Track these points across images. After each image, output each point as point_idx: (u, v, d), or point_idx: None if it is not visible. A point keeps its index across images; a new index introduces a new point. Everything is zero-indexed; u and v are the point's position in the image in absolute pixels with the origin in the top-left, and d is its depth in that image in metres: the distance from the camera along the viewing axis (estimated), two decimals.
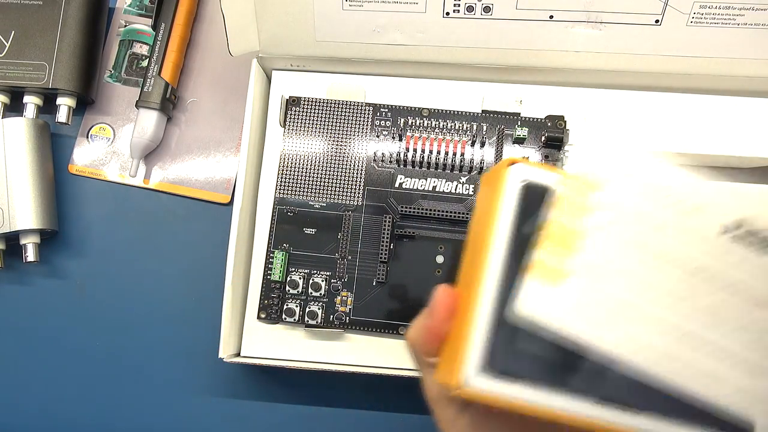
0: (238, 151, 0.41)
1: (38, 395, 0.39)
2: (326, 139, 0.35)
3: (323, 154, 0.35)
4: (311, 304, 0.34)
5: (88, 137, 0.42)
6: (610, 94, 0.37)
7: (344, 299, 0.34)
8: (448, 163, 0.35)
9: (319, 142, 0.35)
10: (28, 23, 0.40)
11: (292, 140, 0.35)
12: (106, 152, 0.42)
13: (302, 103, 0.36)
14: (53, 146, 0.41)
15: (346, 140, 0.35)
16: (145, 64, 0.43)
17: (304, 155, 0.35)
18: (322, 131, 0.36)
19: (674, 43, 0.34)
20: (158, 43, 0.41)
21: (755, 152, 0.35)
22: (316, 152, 0.35)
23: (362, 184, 0.35)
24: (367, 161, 0.35)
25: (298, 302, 0.34)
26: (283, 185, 0.35)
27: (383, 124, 0.36)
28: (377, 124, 0.36)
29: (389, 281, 0.34)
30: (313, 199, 0.35)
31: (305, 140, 0.35)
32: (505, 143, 0.35)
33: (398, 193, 0.35)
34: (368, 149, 0.35)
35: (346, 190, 0.35)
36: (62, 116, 0.40)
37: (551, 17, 0.34)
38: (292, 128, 0.36)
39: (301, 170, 0.35)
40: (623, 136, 0.36)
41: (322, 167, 0.35)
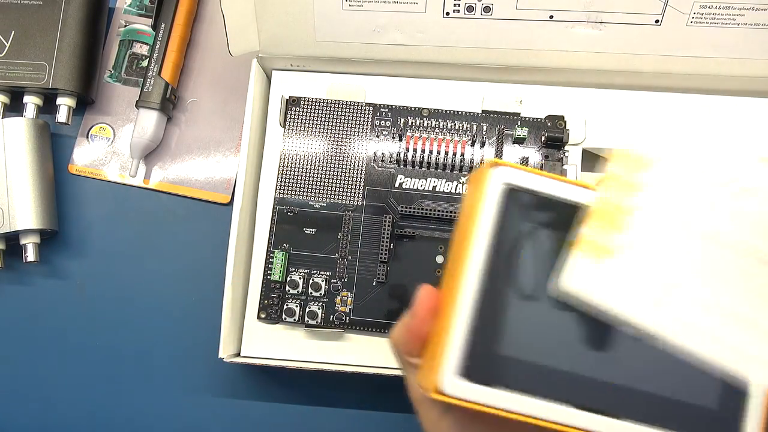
0: (238, 151, 0.41)
1: (38, 395, 0.39)
2: (326, 139, 0.35)
3: (323, 154, 0.35)
4: (311, 304, 0.34)
5: (88, 137, 0.42)
6: (610, 94, 0.37)
7: (344, 299, 0.34)
8: (448, 163, 0.35)
9: (319, 142, 0.35)
10: (28, 23, 0.40)
11: (292, 140, 0.35)
12: (106, 152, 0.42)
13: (302, 103, 0.36)
14: (53, 146, 0.41)
15: (346, 140, 0.35)
16: (145, 64, 0.43)
17: (304, 155, 0.35)
18: (322, 131, 0.36)
19: (674, 43, 0.34)
20: (158, 43, 0.41)
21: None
22: (316, 152, 0.35)
23: (362, 184, 0.35)
24: (367, 161, 0.35)
25: (298, 302, 0.34)
26: (283, 185, 0.35)
27: (383, 124, 0.36)
28: (377, 124, 0.36)
29: (389, 281, 0.34)
30: (313, 199, 0.35)
31: (305, 140, 0.35)
32: (505, 143, 0.35)
33: (398, 193, 0.35)
34: (368, 149, 0.35)
35: (346, 190, 0.35)
36: (62, 116, 0.40)
37: (551, 17, 0.34)
38: (292, 128, 0.36)
39: (301, 170, 0.35)
40: (623, 136, 0.36)
41: (322, 167, 0.35)
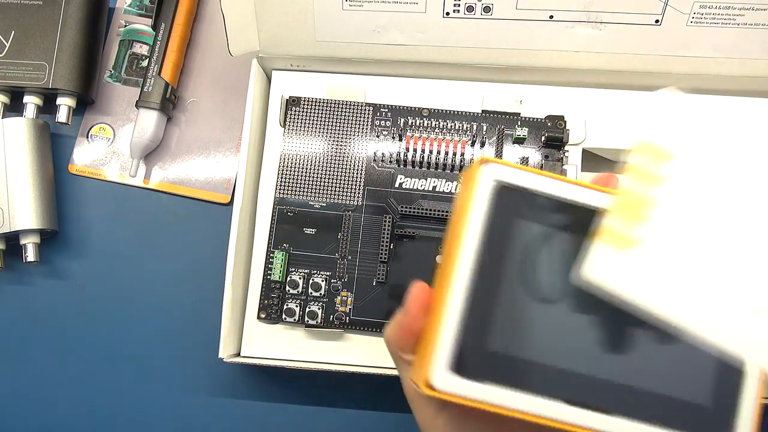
0: (238, 151, 0.41)
1: (38, 395, 0.39)
2: (326, 139, 0.35)
3: (323, 154, 0.35)
4: (311, 304, 0.34)
5: (88, 137, 0.42)
6: (610, 94, 0.37)
7: (344, 299, 0.34)
8: (448, 163, 0.35)
9: (319, 142, 0.35)
10: (28, 23, 0.40)
11: (292, 140, 0.35)
12: (106, 152, 0.42)
13: (302, 103, 0.36)
14: (53, 146, 0.41)
15: (346, 140, 0.35)
16: (145, 64, 0.43)
17: (304, 155, 0.35)
18: (322, 131, 0.36)
19: (674, 43, 0.34)
20: (158, 43, 0.41)
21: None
22: (316, 152, 0.35)
23: (362, 184, 0.35)
24: (367, 161, 0.35)
25: (298, 302, 0.34)
26: (283, 185, 0.35)
27: (383, 124, 0.36)
28: (377, 124, 0.36)
29: (389, 281, 0.34)
30: (313, 199, 0.35)
31: (305, 140, 0.35)
32: (505, 143, 0.35)
33: (398, 193, 0.35)
34: (368, 149, 0.35)
35: (346, 190, 0.35)
36: (62, 116, 0.40)
37: (551, 17, 0.34)
38: (292, 128, 0.36)
39: (301, 170, 0.35)
40: (623, 136, 0.36)
41: (322, 167, 0.35)
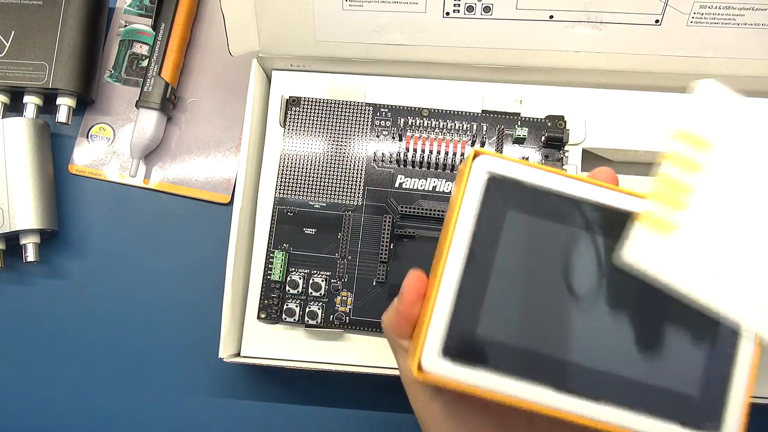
0: (238, 151, 0.41)
1: (38, 395, 0.39)
2: (326, 139, 0.35)
3: (323, 154, 0.35)
4: (311, 304, 0.34)
5: (88, 137, 0.42)
6: (610, 94, 0.37)
7: (344, 299, 0.34)
8: (448, 163, 0.35)
9: (319, 142, 0.35)
10: (28, 23, 0.40)
11: (292, 140, 0.35)
12: (106, 152, 0.42)
13: (302, 103, 0.36)
14: (53, 146, 0.41)
15: (346, 140, 0.35)
16: (145, 64, 0.43)
17: (304, 155, 0.35)
18: (322, 131, 0.36)
19: (674, 43, 0.34)
20: (158, 43, 0.41)
21: None
22: (316, 152, 0.35)
23: (362, 184, 0.35)
24: (367, 161, 0.35)
25: (298, 302, 0.34)
26: (283, 185, 0.35)
27: (383, 124, 0.36)
28: (377, 124, 0.36)
29: (389, 281, 0.34)
30: (313, 199, 0.35)
31: (305, 140, 0.35)
32: (505, 143, 0.35)
33: (398, 193, 0.35)
34: (368, 149, 0.35)
35: (346, 190, 0.35)
36: (62, 116, 0.40)
37: (551, 17, 0.34)
38: (292, 128, 0.36)
39: (301, 170, 0.35)
40: (623, 136, 0.36)
41: (322, 167, 0.35)
